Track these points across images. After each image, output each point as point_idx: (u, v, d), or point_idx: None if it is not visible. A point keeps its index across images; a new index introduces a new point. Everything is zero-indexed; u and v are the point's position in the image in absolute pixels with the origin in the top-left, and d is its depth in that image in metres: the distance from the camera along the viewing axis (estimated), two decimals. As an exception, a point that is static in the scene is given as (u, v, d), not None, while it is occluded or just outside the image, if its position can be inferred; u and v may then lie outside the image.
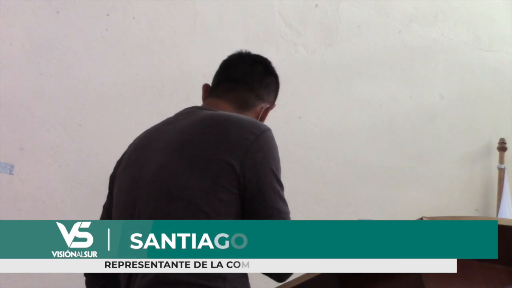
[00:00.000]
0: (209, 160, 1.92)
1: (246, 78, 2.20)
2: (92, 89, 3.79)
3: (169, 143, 2.01)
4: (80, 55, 3.78)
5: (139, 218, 1.97)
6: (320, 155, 4.25)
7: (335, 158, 4.28)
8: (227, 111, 2.11)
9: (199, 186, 1.91)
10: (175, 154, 1.97)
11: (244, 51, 2.28)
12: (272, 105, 2.26)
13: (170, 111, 2.24)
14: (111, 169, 2.15)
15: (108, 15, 3.86)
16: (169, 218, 1.92)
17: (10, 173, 3.58)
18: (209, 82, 2.28)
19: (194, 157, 1.94)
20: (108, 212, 2.15)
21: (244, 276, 1.95)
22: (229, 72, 2.23)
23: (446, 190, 4.51)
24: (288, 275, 1.99)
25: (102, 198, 2.15)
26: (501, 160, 4.57)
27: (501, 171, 4.55)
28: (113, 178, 2.16)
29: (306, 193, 4.17)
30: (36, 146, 3.65)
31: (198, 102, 2.32)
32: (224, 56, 2.30)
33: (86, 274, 2.14)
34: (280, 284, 2.08)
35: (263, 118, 2.21)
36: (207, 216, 1.89)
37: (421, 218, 2.12)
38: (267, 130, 2.01)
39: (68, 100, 3.74)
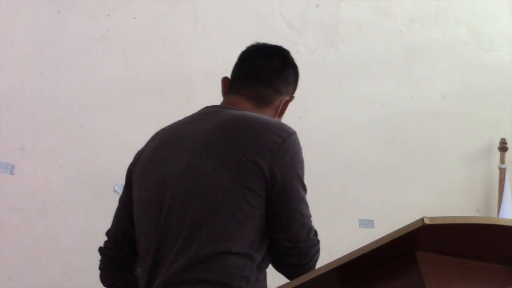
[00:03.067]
0: (238, 162, 1.94)
1: (263, 74, 2.19)
2: (93, 89, 3.79)
3: (196, 142, 2.01)
4: (81, 55, 3.79)
5: (166, 216, 1.98)
6: (321, 155, 4.25)
7: (336, 158, 4.28)
8: (247, 110, 2.11)
9: (229, 189, 1.93)
10: (202, 154, 1.98)
11: (261, 44, 2.27)
12: (291, 96, 2.24)
13: (171, 111, 2.24)
14: (112, 169, 2.15)
15: (109, 15, 3.86)
16: (197, 218, 1.93)
17: (11, 173, 3.58)
18: (210, 81, 2.28)
19: (223, 158, 1.96)
20: (125, 205, 2.15)
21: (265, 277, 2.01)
22: (246, 67, 2.22)
23: (446, 190, 4.51)
24: None
25: (103, 198, 2.15)
26: (502, 160, 4.57)
27: (502, 171, 4.55)
28: (131, 170, 2.16)
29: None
30: (37, 146, 3.66)
31: (199, 101, 2.32)
32: (224, 56, 2.29)
33: (101, 268, 2.15)
34: (280, 284, 2.07)
35: (283, 110, 2.21)
36: (236, 219, 1.92)
37: (422, 218, 2.11)
38: (294, 134, 2.03)
39: (69, 100, 3.74)
